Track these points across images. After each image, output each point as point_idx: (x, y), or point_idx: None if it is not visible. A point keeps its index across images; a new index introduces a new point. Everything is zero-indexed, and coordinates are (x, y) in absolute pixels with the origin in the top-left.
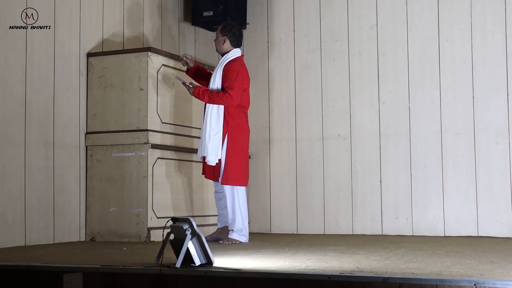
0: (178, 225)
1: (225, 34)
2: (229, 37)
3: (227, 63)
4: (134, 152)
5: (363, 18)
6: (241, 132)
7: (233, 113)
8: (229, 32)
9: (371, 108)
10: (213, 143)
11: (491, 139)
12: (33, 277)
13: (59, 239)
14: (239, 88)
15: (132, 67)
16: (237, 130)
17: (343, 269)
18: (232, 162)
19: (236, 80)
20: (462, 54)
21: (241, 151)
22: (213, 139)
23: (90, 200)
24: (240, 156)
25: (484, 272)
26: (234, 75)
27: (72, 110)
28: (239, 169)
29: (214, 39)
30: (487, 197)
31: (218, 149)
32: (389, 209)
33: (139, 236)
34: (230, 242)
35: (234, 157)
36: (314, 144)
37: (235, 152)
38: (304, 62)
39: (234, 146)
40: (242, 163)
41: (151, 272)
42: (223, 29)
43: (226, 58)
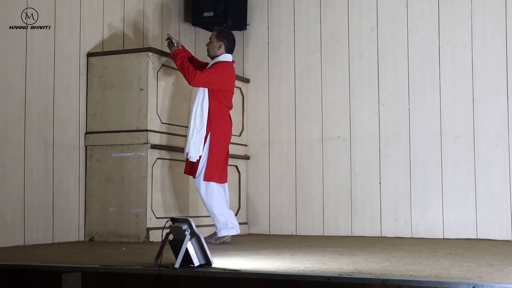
0: (177, 226)
1: (222, 40)
2: (225, 43)
3: (218, 61)
4: (133, 152)
5: (363, 20)
6: (222, 131)
7: (217, 111)
8: (225, 38)
9: (371, 110)
10: (196, 140)
11: (490, 142)
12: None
13: (58, 239)
14: (210, 78)
15: (132, 67)
16: (220, 129)
17: (342, 270)
18: (213, 159)
19: (214, 72)
20: (462, 57)
21: (222, 149)
22: (196, 135)
23: (89, 200)
24: (220, 154)
25: (482, 274)
26: (215, 68)
27: (71, 110)
28: (218, 167)
29: (207, 43)
30: (486, 199)
31: (200, 146)
32: (388, 211)
33: (138, 236)
34: (220, 240)
35: (216, 155)
36: (313, 145)
37: (217, 150)
38: (304, 63)
39: (216, 144)
40: (221, 161)
41: (150, 272)
42: (220, 35)
43: (217, 59)
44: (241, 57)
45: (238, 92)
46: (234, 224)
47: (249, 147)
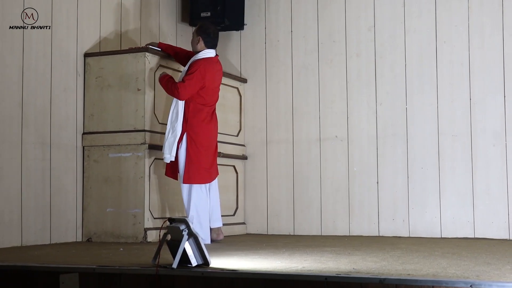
0: (175, 226)
1: (200, 34)
2: (203, 38)
3: (195, 60)
4: (131, 153)
5: (361, 20)
6: (202, 130)
7: (193, 110)
8: (203, 32)
9: (369, 109)
10: (170, 141)
11: (488, 141)
12: (29, 278)
13: (56, 239)
14: (192, 85)
15: (129, 68)
16: (197, 128)
17: (340, 270)
18: (191, 161)
19: (193, 76)
20: (460, 56)
21: (202, 149)
22: (171, 136)
23: (87, 201)
24: (201, 154)
25: (480, 273)
26: (193, 70)
27: (69, 111)
28: (199, 168)
29: (192, 37)
30: (483, 199)
31: (174, 146)
32: (386, 211)
33: (136, 236)
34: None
35: (194, 156)
36: (311, 145)
37: (196, 151)
38: (302, 63)
39: (195, 144)
40: (203, 161)
41: (148, 272)
42: (198, 30)
43: (196, 56)
44: (238, 57)
45: (235, 92)
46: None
47: (247, 147)
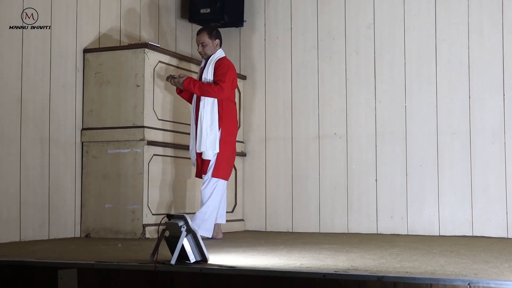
0: (173, 222)
1: (218, 37)
2: (220, 40)
3: (218, 59)
4: (130, 149)
5: (360, 17)
6: (232, 127)
7: (226, 108)
8: (218, 34)
9: (368, 107)
10: (211, 138)
11: (487, 140)
12: (27, 273)
13: (54, 235)
14: (229, 82)
15: (128, 64)
16: (228, 125)
17: (338, 267)
18: (224, 156)
19: (226, 74)
20: (459, 55)
21: (231, 146)
22: (210, 134)
23: (86, 197)
24: (230, 151)
25: (478, 271)
26: (225, 70)
27: (68, 107)
28: (229, 164)
29: (202, 48)
30: (482, 197)
31: (216, 143)
32: (385, 208)
33: (134, 232)
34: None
35: (225, 151)
36: (310, 143)
37: (226, 147)
38: (301, 60)
39: (226, 140)
40: (230, 157)
41: (146, 268)
42: (216, 34)
43: (216, 56)
44: (237, 54)
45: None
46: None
47: (246, 144)
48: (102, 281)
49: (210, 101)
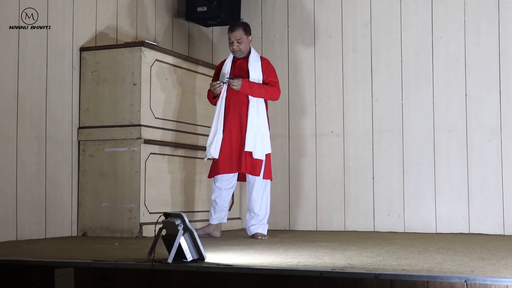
0: (170, 221)
1: (251, 33)
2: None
3: (261, 58)
4: (126, 147)
5: (357, 15)
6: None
7: (267, 108)
8: (250, 30)
9: (365, 105)
10: (267, 138)
11: (483, 137)
12: (24, 272)
13: (51, 234)
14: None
15: (125, 62)
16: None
17: (335, 265)
18: (268, 157)
19: (275, 74)
20: (456, 52)
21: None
22: (267, 134)
23: (82, 195)
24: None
25: (474, 268)
26: (274, 70)
27: (64, 105)
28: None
29: (238, 45)
30: (479, 194)
31: (270, 143)
32: (382, 206)
33: (131, 231)
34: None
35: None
36: (307, 140)
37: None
38: (298, 58)
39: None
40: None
41: (143, 267)
42: (249, 29)
43: (255, 54)
44: None
45: None
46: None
47: None
48: (99, 280)
49: (261, 101)
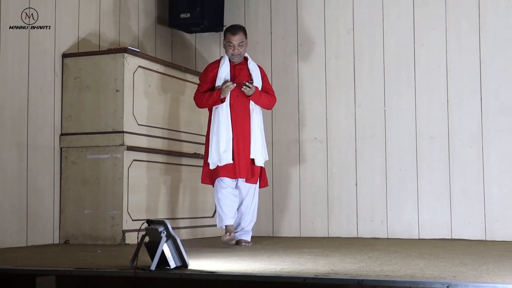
0: (153, 228)
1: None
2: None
3: (258, 65)
4: (109, 154)
5: (340, 22)
6: None
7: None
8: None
9: (347, 111)
10: (265, 145)
11: (465, 143)
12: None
13: (32, 241)
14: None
15: (108, 69)
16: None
17: (318, 271)
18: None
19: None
20: (437, 59)
21: None
22: (264, 140)
23: (65, 202)
24: None
25: (457, 274)
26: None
27: (46, 111)
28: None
29: (241, 47)
30: (460, 200)
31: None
32: (365, 212)
33: (114, 238)
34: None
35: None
36: (290, 146)
37: None
38: (281, 65)
39: None
40: None
41: (126, 275)
42: (246, 33)
43: (251, 60)
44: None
45: None
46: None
47: None
48: None
49: (259, 108)
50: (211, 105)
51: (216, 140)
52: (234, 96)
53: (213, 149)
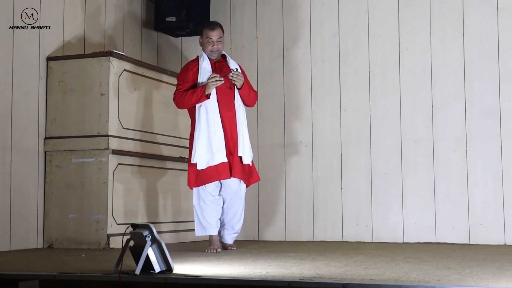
0: (138, 232)
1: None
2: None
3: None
4: (94, 158)
5: (325, 26)
6: None
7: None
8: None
9: (333, 115)
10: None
11: (449, 147)
12: None
13: (16, 246)
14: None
15: (93, 72)
16: None
17: (303, 275)
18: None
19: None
20: (422, 63)
21: None
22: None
23: (49, 206)
24: None
25: (441, 277)
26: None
27: (30, 115)
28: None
29: (220, 43)
30: (445, 204)
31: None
32: (350, 216)
33: (99, 243)
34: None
35: None
36: (276, 151)
37: None
38: (267, 69)
39: None
40: None
41: (110, 279)
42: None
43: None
44: None
45: None
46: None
47: None
48: None
49: (243, 106)
50: (194, 102)
51: (206, 138)
52: (220, 91)
53: (202, 148)
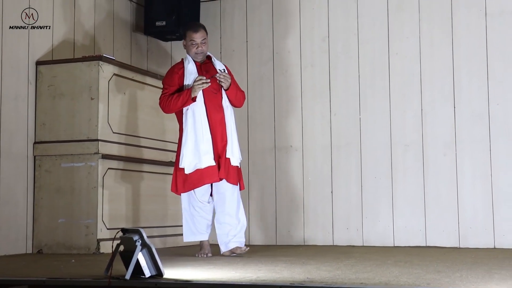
0: (128, 236)
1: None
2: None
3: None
4: (84, 162)
5: (315, 31)
6: None
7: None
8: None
9: (323, 119)
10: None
11: (438, 151)
12: None
13: (5, 251)
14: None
15: (82, 76)
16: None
17: (294, 279)
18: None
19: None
20: (411, 67)
21: None
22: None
23: (38, 211)
24: None
25: (431, 281)
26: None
27: (20, 119)
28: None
29: (204, 42)
30: (435, 208)
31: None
32: (340, 220)
33: (89, 247)
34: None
35: None
36: (266, 155)
37: None
38: (257, 73)
39: None
40: None
41: (100, 284)
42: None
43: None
44: None
45: None
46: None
47: None
48: None
49: (232, 107)
50: (180, 106)
51: (193, 141)
52: (207, 93)
53: (189, 152)
